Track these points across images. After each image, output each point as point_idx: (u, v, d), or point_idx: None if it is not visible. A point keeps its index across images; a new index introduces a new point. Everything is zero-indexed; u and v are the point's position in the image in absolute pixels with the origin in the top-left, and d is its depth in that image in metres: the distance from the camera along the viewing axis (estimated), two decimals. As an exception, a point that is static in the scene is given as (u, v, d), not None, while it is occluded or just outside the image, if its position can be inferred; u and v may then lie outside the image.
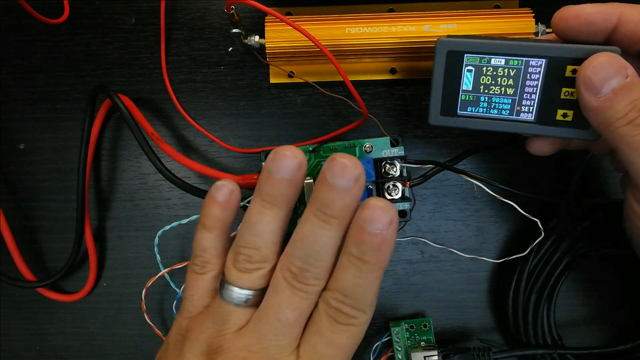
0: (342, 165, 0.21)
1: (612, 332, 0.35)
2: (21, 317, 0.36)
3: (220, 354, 0.23)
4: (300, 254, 0.23)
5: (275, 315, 0.23)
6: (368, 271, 0.22)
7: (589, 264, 0.34)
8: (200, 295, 0.25)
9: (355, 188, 0.22)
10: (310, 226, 0.22)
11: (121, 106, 0.31)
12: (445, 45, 0.26)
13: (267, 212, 0.23)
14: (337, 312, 0.22)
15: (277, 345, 0.23)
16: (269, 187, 0.23)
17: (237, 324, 0.24)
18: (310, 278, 0.22)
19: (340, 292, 0.22)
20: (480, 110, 0.27)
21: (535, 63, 0.25)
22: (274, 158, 0.23)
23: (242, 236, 0.24)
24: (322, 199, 0.22)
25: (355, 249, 0.22)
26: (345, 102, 0.35)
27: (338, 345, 0.22)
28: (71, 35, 0.37)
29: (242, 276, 0.24)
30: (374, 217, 0.21)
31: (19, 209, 0.36)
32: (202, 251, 0.25)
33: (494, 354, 0.30)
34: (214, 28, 0.36)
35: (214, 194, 0.25)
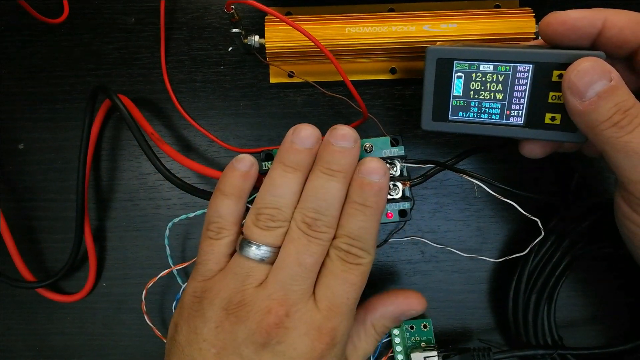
0: (343, 131, 0.26)
1: (612, 333, 0.34)
2: (21, 317, 0.36)
3: (243, 307, 0.25)
4: (312, 205, 0.26)
5: (295, 261, 0.25)
6: (371, 214, 0.26)
7: (589, 264, 0.34)
8: (216, 260, 0.27)
9: (355, 148, 0.26)
10: (320, 181, 0.26)
11: (121, 106, 0.31)
12: (435, 53, 0.27)
13: (289, 175, 0.26)
14: (347, 254, 0.25)
15: (298, 290, 0.25)
16: (292, 155, 0.26)
17: (259, 278, 0.26)
18: (322, 226, 0.25)
19: (349, 236, 0.25)
20: (471, 115, 0.28)
21: (523, 68, 0.26)
22: (295, 132, 0.26)
23: (264, 198, 0.26)
24: (328, 158, 0.26)
25: (359, 197, 0.26)
26: (345, 102, 0.35)
27: (351, 282, 0.25)
28: (71, 35, 0.37)
29: (264, 233, 0.26)
30: (372, 169, 0.26)
31: (19, 209, 0.36)
32: (218, 217, 0.27)
33: (494, 354, 0.30)
34: (214, 28, 0.36)
35: (236, 164, 0.27)
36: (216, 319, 0.25)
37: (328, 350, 0.25)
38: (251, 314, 0.25)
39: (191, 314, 0.26)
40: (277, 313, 0.24)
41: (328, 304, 0.25)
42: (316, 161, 0.26)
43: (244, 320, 0.25)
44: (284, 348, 0.24)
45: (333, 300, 0.25)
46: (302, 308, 0.25)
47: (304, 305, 0.25)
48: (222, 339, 0.25)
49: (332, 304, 0.25)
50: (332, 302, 0.25)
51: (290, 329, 0.25)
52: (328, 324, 0.25)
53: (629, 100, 0.23)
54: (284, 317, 0.24)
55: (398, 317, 0.29)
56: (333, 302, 0.25)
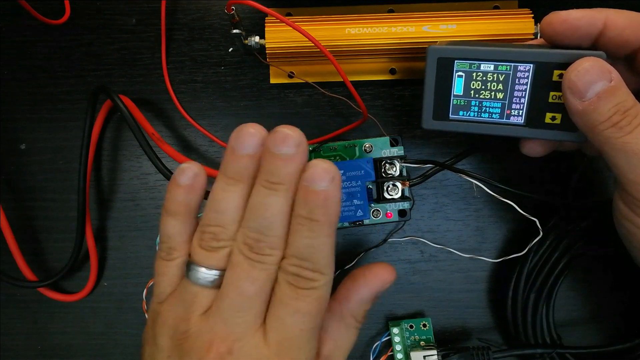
0: (283, 134, 0.22)
1: (610, 332, 0.35)
2: (22, 317, 0.36)
3: (186, 339, 0.23)
4: (253, 225, 0.22)
5: (235, 289, 0.22)
6: (318, 230, 0.22)
7: (587, 263, 0.34)
8: (168, 282, 0.25)
9: (298, 154, 0.22)
10: (260, 196, 0.23)
11: (122, 107, 0.31)
12: (435, 52, 0.27)
13: (231, 189, 0.23)
14: (296, 278, 0.22)
15: (241, 322, 0.22)
16: (233, 163, 0.23)
17: (204, 305, 0.23)
18: (265, 248, 0.22)
19: (296, 257, 0.22)
20: (471, 114, 0.28)
21: (524, 68, 0.26)
22: (237, 135, 0.23)
23: (207, 214, 0.24)
24: (267, 169, 0.22)
25: (303, 209, 0.22)
26: (345, 102, 0.35)
27: (303, 312, 0.22)
28: (72, 36, 0.37)
29: (208, 255, 0.23)
30: (316, 175, 0.22)
31: (20, 209, 0.36)
32: (167, 238, 0.25)
33: (493, 353, 0.30)
34: (215, 29, 0.37)
35: (177, 177, 0.24)
36: (166, 348, 0.23)
37: None
38: (193, 348, 0.22)
39: (149, 339, 0.25)
40: (217, 350, 0.22)
41: (278, 337, 0.22)
42: (258, 172, 0.23)
43: (187, 354, 0.22)
44: None
45: (284, 334, 0.22)
46: (247, 344, 0.22)
47: (250, 339, 0.22)
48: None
49: (283, 337, 0.22)
50: (282, 335, 0.22)
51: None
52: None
53: (628, 101, 0.23)
54: (226, 354, 0.22)
55: (375, 297, 0.27)
56: (284, 336, 0.22)
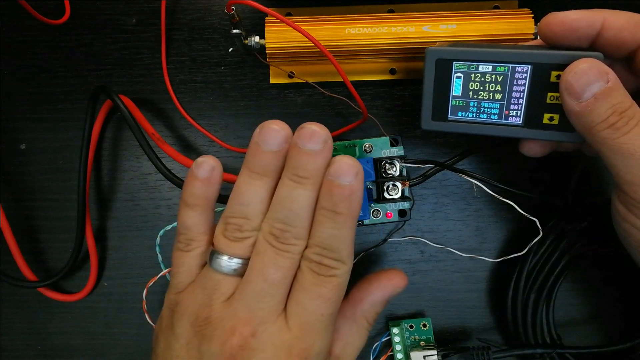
0: (311, 131, 0.23)
1: (610, 332, 0.35)
2: (22, 317, 0.36)
3: (208, 325, 0.23)
4: (279, 216, 0.24)
5: (261, 276, 0.23)
6: (342, 222, 0.23)
7: (587, 263, 0.34)
8: (186, 272, 0.26)
9: (325, 150, 0.23)
10: (287, 189, 0.24)
11: (122, 107, 0.31)
12: (434, 54, 0.27)
13: (256, 182, 0.24)
14: (318, 266, 0.23)
15: (265, 307, 0.23)
16: (257, 159, 0.24)
17: (226, 292, 0.24)
18: (290, 238, 0.23)
19: (319, 246, 0.23)
20: (470, 115, 0.28)
21: (521, 69, 0.26)
22: (261, 132, 0.24)
23: (232, 206, 0.25)
24: (295, 163, 0.23)
25: (328, 202, 0.23)
26: (345, 102, 0.35)
27: (324, 298, 0.23)
28: (72, 36, 0.37)
29: (232, 244, 0.24)
30: (341, 170, 0.23)
31: (20, 209, 0.36)
32: (185, 229, 0.26)
33: (493, 353, 0.30)
34: (215, 29, 0.37)
35: (195, 170, 0.25)
36: (186, 335, 0.24)
37: None
38: (216, 333, 0.23)
39: (165, 328, 0.25)
40: (241, 334, 0.23)
41: (299, 321, 0.23)
42: (285, 166, 0.24)
43: (209, 340, 0.23)
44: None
45: (305, 318, 0.23)
46: (270, 327, 0.23)
47: (272, 324, 0.23)
48: (192, 355, 0.24)
49: (304, 321, 0.23)
50: (303, 319, 0.23)
51: (256, 350, 0.23)
52: (300, 344, 0.23)
53: (625, 102, 0.23)
54: (250, 337, 0.23)
55: (387, 301, 0.28)
56: (305, 320, 0.23)
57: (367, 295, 0.28)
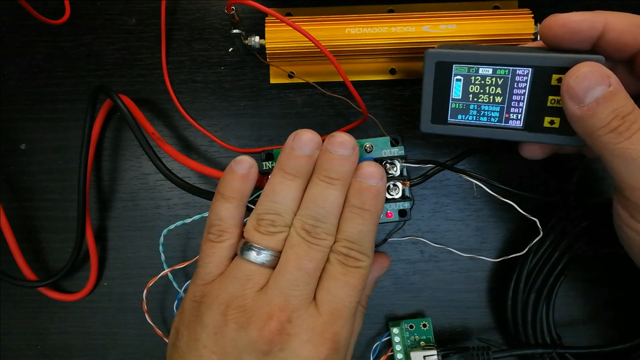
0: (342, 139, 0.26)
1: (610, 332, 0.35)
2: (22, 316, 0.36)
3: (243, 313, 0.24)
4: (312, 212, 0.26)
5: (296, 266, 0.25)
6: (369, 218, 0.26)
7: (587, 263, 0.34)
8: (216, 263, 0.27)
9: (353, 155, 0.26)
10: (319, 189, 0.26)
11: (122, 106, 0.31)
12: (434, 56, 0.27)
13: (289, 182, 0.26)
14: (346, 258, 0.25)
15: (299, 295, 0.25)
16: (292, 162, 0.26)
17: (259, 282, 0.25)
18: (322, 233, 0.25)
19: (348, 240, 0.26)
20: (470, 118, 0.28)
21: (522, 72, 0.26)
22: (296, 138, 0.26)
23: (265, 203, 0.26)
24: (327, 166, 0.26)
25: (358, 201, 0.26)
26: (345, 102, 0.35)
27: (352, 286, 0.25)
28: (72, 36, 0.37)
29: (265, 238, 0.26)
30: (370, 173, 0.26)
31: (21, 209, 0.36)
32: (219, 220, 0.27)
33: (493, 353, 0.30)
34: (215, 29, 0.37)
35: (234, 167, 0.27)
36: (215, 324, 0.25)
37: (331, 355, 0.25)
38: (252, 320, 0.24)
39: (191, 319, 0.26)
40: (279, 319, 0.24)
41: (329, 308, 0.25)
42: (315, 168, 0.27)
43: (245, 326, 0.24)
44: (286, 355, 0.24)
45: (334, 304, 0.25)
46: (304, 313, 0.25)
47: (306, 310, 0.25)
48: (222, 345, 0.24)
49: (334, 307, 0.25)
50: (333, 306, 0.25)
51: (292, 335, 0.24)
52: (330, 329, 0.25)
53: (627, 106, 0.23)
54: (286, 323, 0.24)
55: (375, 282, 0.31)
56: (335, 306, 0.25)
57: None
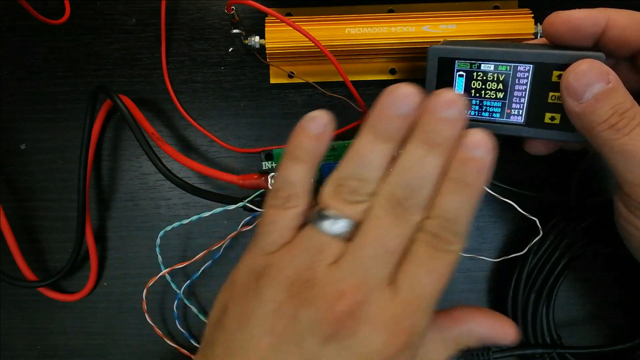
0: (449, 98, 0.22)
1: (610, 332, 0.35)
2: (22, 316, 0.36)
3: (310, 287, 0.21)
4: (403, 182, 0.22)
5: (377, 242, 0.22)
6: (469, 195, 0.22)
7: (588, 263, 0.34)
8: (280, 232, 0.23)
9: (461, 119, 0.22)
10: (416, 155, 0.22)
11: (121, 106, 0.31)
12: (436, 52, 0.27)
13: (379, 146, 0.23)
14: (436, 239, 0.22)
15: (377, 274, 0.21)
16: (384, 122, 0.23)
17: (333, 255, 0.22)
18: (412, 206, 0.22)
19: (441, 218, 0.22)
20: (472, 113, 0.28)
21: (523, 68, 0.26)
22: (392, 94, 0.23)
23: (348, 168, 0.23)
24: (428, 130, 0.22)
25: (459, 173, 0.22)
26: (345, 102, 0.35)
27: (438, 273, 0.22)
28: (72, 36, 0.37)
29: (345, 206, 0.22)
30: (478, 143, 0.22)
31: (20, 209, 0.36)
32: (288, 184, 0.23)
33: (493, 353, 0.30)
34: (215, 29, 0.37)
35: (307, 125, 0.24)
36: (276, 300, 0.21)
37: (402, 350, 0.21)
38: (320, 297, 0.21)
39: (245, 294, 0.22)
40: (350, 300, 0.21)
41: (409, 295, 0.21)
42: (415, 131, 0.23)
43: (311, 303, 0.21)
44: (353, 343, 0.21)
45: (415, 292, 0.22)
46: (380, 297, 0.21)
47: (382, 293, 0.21)
48: (281, 324, 0.21)
49: (414, 296, 0.22)
50: (413, 294, 0.22)
51: (363, 320, 0.21)
52: (407, 320, 0.21)
53: (626, 102, 0.23)
54: (359, 304, 0.21)
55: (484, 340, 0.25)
56: (415, 295, 0.22)
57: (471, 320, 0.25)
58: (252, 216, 0.31)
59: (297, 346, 0.21)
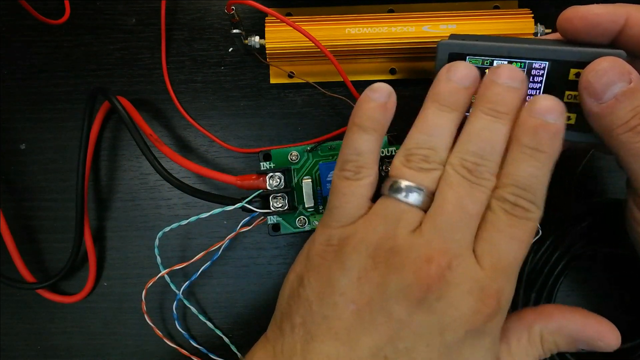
0: (510, 71, 0.23)
1: (611, 332, 0.35)
2: (22, 317, 0.36)
3: (395, 255, 0.21)
4: (474, 148, 0.22)
5: (457, 206, 0.22)
6: (544, 161, 0.22)
7: (588, 263, 0.34)
8: (356, 203, 0.23)
9: (523, 88, 0.23)
10: (483, 122, 0.23)
11: (119, 108, 0.31)
12: (446, 47, 0.26)
13: (445, 114, 0.23)
14: (513, 206, 0.22)
15: (460, 239, 0.22)
16: (448, 93, 0.23)
17: (412, 223, 0.22)
18: (485, 172, 0.22)
19: (516, 185, 0.22)
20: None
21: (538, 65, 0.25)
22: (453, 69, 0.24)
23: (417, 137, 0.23)
24: (493, 98, 0.23)
25: (531, 140, 0.22)
26: (345, 102, 0.35)
27: (518, 240, 0.22)
28: (72, 36, 0.37)
29: (417, 174, 0.23)
30: (548, 107, 0.22)
31: (19, 209, 0.36)
32: (357, 155, 0.24)
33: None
34: (215, 29, 0.37)
35: (372, 95, 0.24)
36: (360, 268, 0.21)
37: (492, 315, 0.21)
38: (407, 262, 0.21)
39: (324, 264, 0.22)
40: (439, 263, 0.21)
41: (492, 261, 0.21)
42: (477, 100, 0.23)
43: (398, 269, 0.21)
44: (443, 306, 0.21)
45: (498, 258, 0.21)
46: (464, 262, 0.21)
47: (466, 258, 0.21)
48: (366, 292, 0.21)
49: (497, 262, 0.21)
50: (496, 260, 0.21)
51: (452, 284, 0.21)
52: (493, 285, 0.21)
53: None
54: (446, 268, 0.21)
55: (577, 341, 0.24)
56: (498, 260, 0.21)
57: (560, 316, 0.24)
58: (250, 216, 0.31)
59: (384, 313, 0.21)
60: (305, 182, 0.31)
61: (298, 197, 0.31)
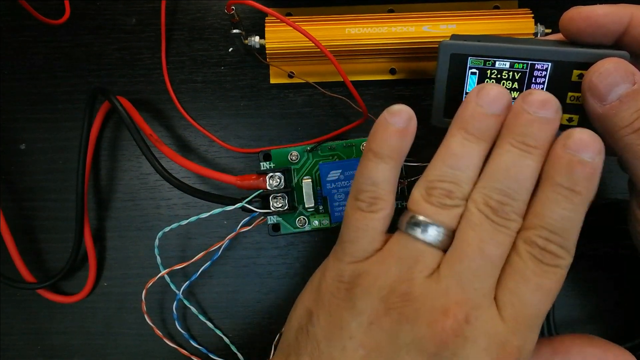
0: (543, 97, 0.21)
1: (610, 332, 0.35)
2: (22, 317, 0.36)
3: (409, 302, 0.20)
4: (500, 185, 0.21)
5: (479, 251, 0.20)
6: (579, 203, 0.20)
7: (588, 263, 0.34)
8: (370, 238, 0.22)
9: (557, 119, 0.21)
10: (511, 156, 0.21)
11: (119, 108, 0.31)
12: (448, 48, 0.26)
13: (472, 145, 0.21)
14: (542, 252, 0.20)
15: (480, 289, 0.20)
16: (476, 120, 0.22)
17: (430, 266, 0.21)
18: (511, 212, 0.20)
19: (547, 228, 0.20)
20: None
21: (541, 67, 0.25)
22: (482, 93, 0.22)
23: (440, 169, 0.22)
24: (523, 130, 0.21)
25: (565, 179, 0.20)
26: (345, 102, 0.35)
27: (545, 291, 0.20)
28: (72, 36, 0.37)
29: (438, 211, 0.21)
30: (584, 143, 0.20)
31: (19, 209, 0.36)
32: (372, 184, 0.22)
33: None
34: (215, 29, 0.37)
35: (390, 119, 0.22)
36: (371, 312, 0.20)
37: None
38: (421, 312, 0.20)
39: (334, 302, 0.21)
40: (455, 316, 0.19)
41: (515, 314, 0.20)
42: (505, 131, 0.21)
43: (412, 319, 0.20)
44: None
45: (521, 310, 0.20)
46: (484, 314, 0.20)
47: (486, 310, 0.20)
48: (377, 338, 0.20)
49: (520, 314, 0.20)
50: (520, 312, 0.20)
51: (469, 339, 0.19)
52: (514, 341, 0.20)
53: None
54: (463, 322, 0.19)
55: None
56: (521, 313, 0.20)
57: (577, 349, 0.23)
58: (250, 217, 0.31)
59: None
60: (305, 182, 0.31)
61: (298, 197, 0.31)
